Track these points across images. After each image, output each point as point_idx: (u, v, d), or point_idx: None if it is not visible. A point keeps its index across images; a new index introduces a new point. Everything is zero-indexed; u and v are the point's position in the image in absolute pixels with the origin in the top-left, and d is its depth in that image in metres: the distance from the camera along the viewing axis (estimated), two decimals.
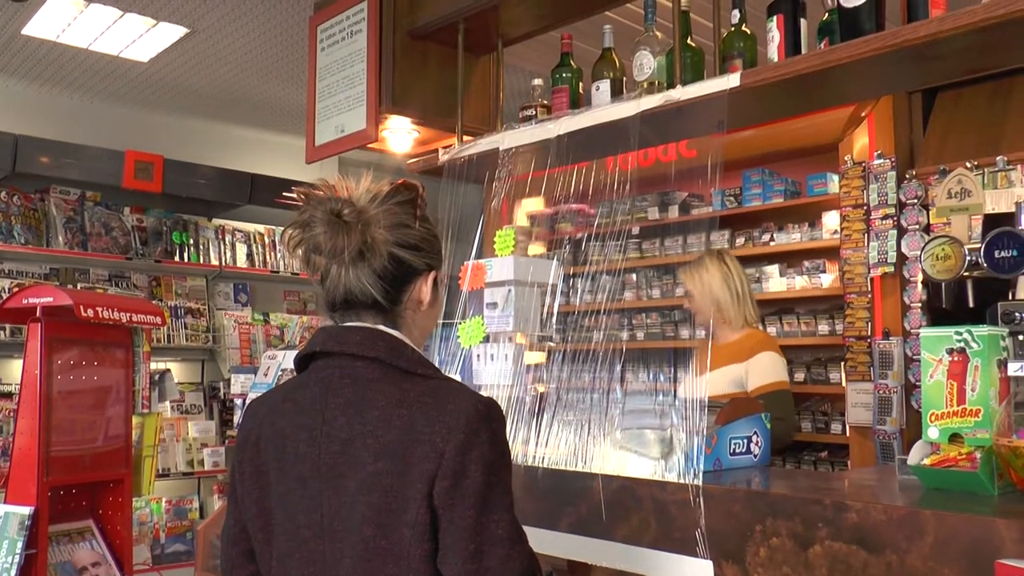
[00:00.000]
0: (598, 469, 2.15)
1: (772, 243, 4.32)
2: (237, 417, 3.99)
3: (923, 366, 1.88)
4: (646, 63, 2.55)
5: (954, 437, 1.83)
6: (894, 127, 3.68)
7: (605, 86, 2.68)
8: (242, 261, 5.90)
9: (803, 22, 2.22)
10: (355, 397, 1.34)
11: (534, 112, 2.91)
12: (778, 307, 4.45)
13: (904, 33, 1.79)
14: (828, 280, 4.09)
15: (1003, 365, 1.81)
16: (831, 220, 4.02)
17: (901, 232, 3.61)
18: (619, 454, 2.19)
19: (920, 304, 3.56)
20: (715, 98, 2.15)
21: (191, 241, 5.69)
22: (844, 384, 3.89)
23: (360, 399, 1.33)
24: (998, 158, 3.27)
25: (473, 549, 1.25)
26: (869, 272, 3.71)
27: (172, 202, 5.58)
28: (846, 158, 3.81)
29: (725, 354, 2.95)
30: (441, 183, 2.95)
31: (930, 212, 3.52)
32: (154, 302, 5.33)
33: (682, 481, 1.96)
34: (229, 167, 5.61)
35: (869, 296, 3.73)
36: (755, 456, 2.28)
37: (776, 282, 4.28)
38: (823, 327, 4.11)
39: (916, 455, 1.86)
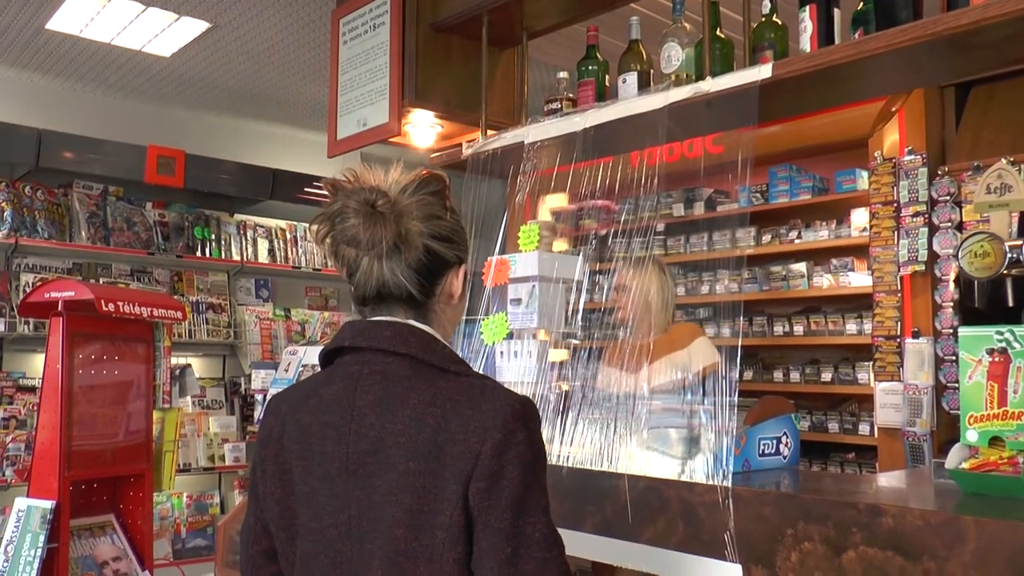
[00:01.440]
0: (624, 469, 2.10)
1: (799, 241, 4.25)
2: (258, 413, 3.98)
3: (961, 367, 1.82)
4: (674, 55, 2.50)
5: (994, 440, 1.77)
6: (926, 122, 3.60)
7: (632, 79, 2.63)
8: (264, 257, 5.90)
9: (836, 12, 2.16)
10: (385, 394, 1.30)
11: (559, 105, 2.87)
12: (804, 306, 4.38)
13: (946, 21, 1.74)
14: (856, 278, 4.01)
15: None
16: (859, 217, 3.95)
17: (932, 230, 3.54)
18: (645, 454, 2.15)
19: (952, 303, 3.48)
20: (746, 90, 2.09)
21: (213, 236, 5.69)
22: (872, 384, 3.81)
23: (391, 397, 1.29)
24: None
25: (509, 553, 1.21)
26: (899, 270, 3.64)
27: (194, 197, 5.58)
28: (876, 154, 3.73)
29: (665, 345, 3.03)
30: (464, 177, 2.91)
31: (963, 209, 3.45)
32: (175, 297, 5.34)
33: (711, 483, 1.91)
34: (251, 162, 5.61)
35: (899, 295, 3.65)
36: (784, 457, 2.22)
37: (803, 280, 4.21)
38: (851, 326, 4.03)
39: (954, 459, 1.80)
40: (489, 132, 3.07)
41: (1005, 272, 2.06)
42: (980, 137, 3.50)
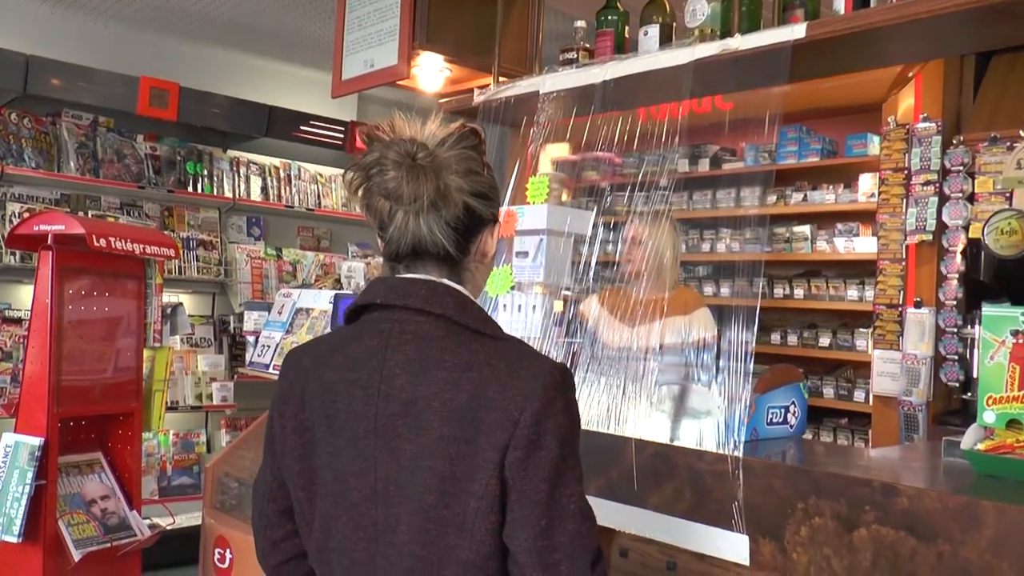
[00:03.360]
0: (632, 433, 2.07)
1: (805, 203, 4.19)
2: (250, 354, 3.92)
3: (983, 346, 1.78)
4: (699, 9, 2.41)
5: (1012, 423, 1.74)
6: (943, 89, 3.53)
7: (654, 31, 2.54)
8: (256, 194, 5.79)
9: None
10: (418, 355, 1.24)
11: (576, 55, 2.78)
12: (806, 269, 4.35)
13: None
14: (861, 244, 3.97)
15: None
16: (868, 183, 3.89)
17: (943, 200, 3.49)
18: (655, 414, 2.11)
19: (958, 276, 3.45)
20: (776, 49, 2.01)
21: (205, 172, 5.57)
22: (871, 352, 3.80)
23: (424, 358, 1.24)
24: None
25: (545, 524, 1.18)
26: (905, 239, 3.59)
27: (187, 131, 5.45)
28: (889, 119, 3.66)
29: (671, 306, 2.93)
30: (476, 124, 2.83)
31: (975, 180, 3.39)
32: (166, 233, 5.24)
33: (721, 452, 1.88)
34: (246, 98, 5.47)
35: (903, 264, 3.62)
36: (791, 427, 2.20)
37: (806, 244, 4.17)
38: (852, 292, 4.01)
39: (970, 439, 1.78)
40: (500, 79, 2.98)
41: None
42: (999, 107, 3.43)
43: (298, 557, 1.41)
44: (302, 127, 5.61)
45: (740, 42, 2.07)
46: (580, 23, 2.84)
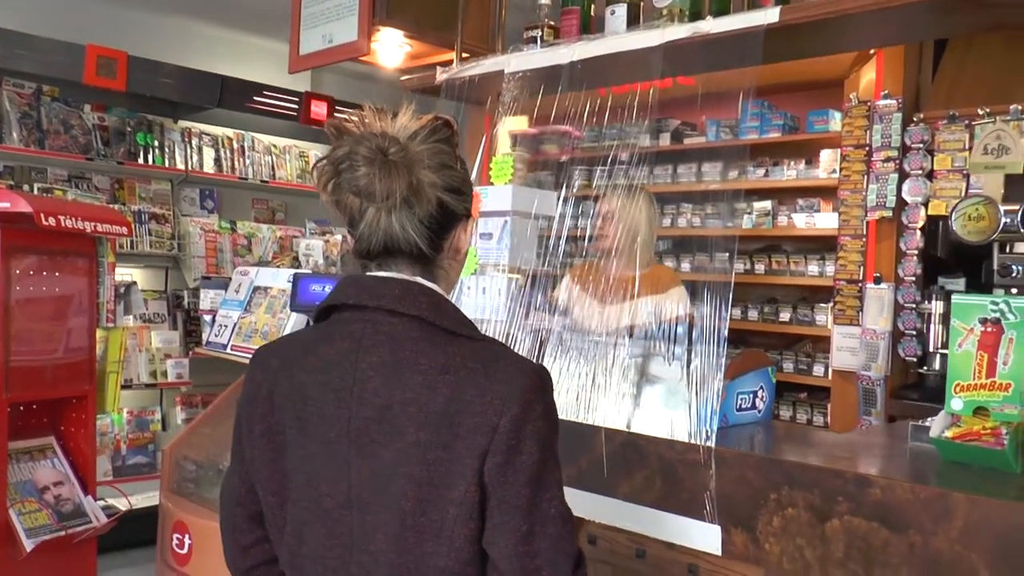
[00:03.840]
0: (602, 421, 2.06)
1: (766, 178, 4.20)
2: (207, 333, 3.84)
3: (952, 334, 1.79)
4: None
5: (979, 410, 1.76)
6: (904, 67, 3.54)
7: (621, 11, 2.50)
8: (209, 166, 5.64)
9: None
10: (392, 358, 1.21)
11: (540, 33, 2.73)
12: (766, 243, 4.36)
13: None
14: (822, 220, 4.00)
15: None
16: (829, 159, 3.91)
17: (903, 176, 3.51)
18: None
19: (917, 252, 3.49)
20: (748, 33, 1.98)
21: (156, 143, 5.41)
22: (830, 327, 3.84)
23: (398, 361, 1.20)
24: (1012, 107, 3.15)
25: (525, 530, 1.16)
26: (866, 215, 3.62)
27: (135, 101, 5.27)
28: (851, 96, 3.67)
29: (646, 283, 2.85)
30: (438, 102, 2.77)
31: (935, 158, 3.42)
32: (116, 206, 5.10)
33: (693, 441, 1.88)
34: (198, 67, 5.30)
35: (863, 239, 3.65)
36: (759, 411, 2.21)
37: (767, 219, 4.18)
38: (812, 267, 4.04)
39: (938, 427, 1.79)
40: (463, 56, 2.91)
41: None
42: (957, 86, 3.45)
43: (268, 562, 1.38)
44: (256, 98, 5.46)
45: (712, 25, 2.04)
46: (544, 0, 2.78)
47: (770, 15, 1.92)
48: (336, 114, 5.89)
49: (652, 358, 2.18)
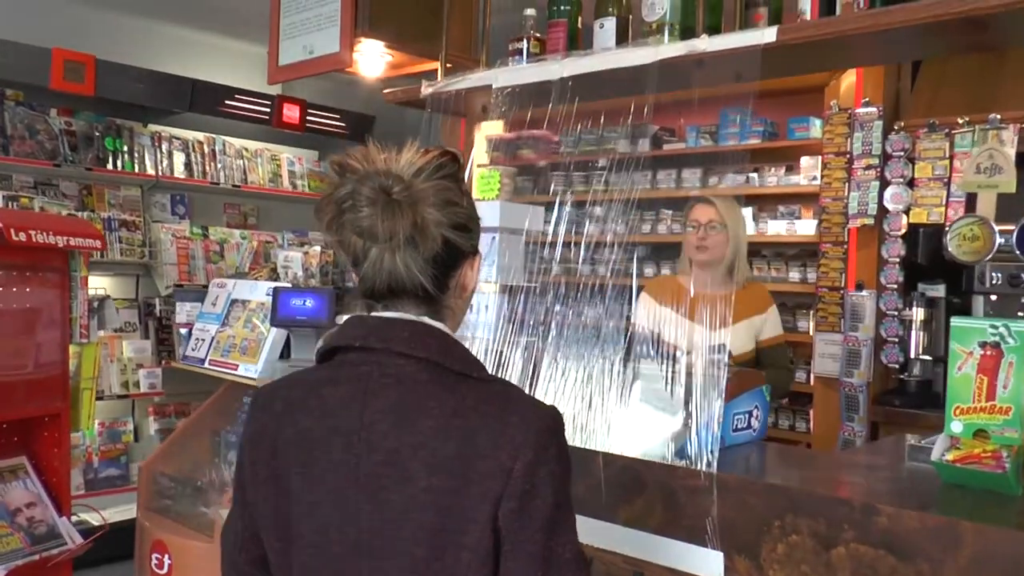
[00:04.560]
0: (601, 446, 2.03)
1: (747, 184, 4.20)
2: (183, 347, 3.76)
3: (951, 357, 1.79)
4: (658, 3, 2.35)
5: (979, 433, 1.76)
6: (884, 75, 3.55)
7: (610, 24, 2.47)
8: (180, 171, 5.53)
9: None
10: (400, 402, 1.18)
11: (526, 45, 2.69)
12: (748, 251, 4.36)
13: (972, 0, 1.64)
14: (802, 227, 4.01)
15: None
16: (810, 166, 3.91)
17: (884, 184, 3.53)
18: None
19: (898, 259, 3.50)
20: (744, 52, 1.97)
21: (125, 148, 5.29)
22: (812, 333, 3.85)
23: (407, 404, 1.18)
24: (991, 116, 3.18)
25: None
26: (847, 222, 3.64)
27: (103, 105, 5.14)
28: (832, 103, 3.68)
29: (743, 305, 2.75)
30: (425, 115, 2.73)
31: (916, 166, 3.44)
32: (85, 213, 4.99)
33: (695, 467, 1.86)
34: (168, 71, 5.19)
35: (845, 247, 3.66)
36: (755, 431, 2.19)
37: (748, 225, 4.18)
38: (794, 274, 4.05)
39: (938, 450, 1.79)
40: (446, 66, 2.87)
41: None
42: (936, 95, 3.48)
43: None
44: (227, 101, 5.37)
45: (708, 43, 2.01)
46: (530, 11, 2.75)
47: (767, 35, 1.91)
48: (309, 117, 5.82)
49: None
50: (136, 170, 5.32)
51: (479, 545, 1.13)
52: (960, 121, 3.26)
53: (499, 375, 2.24)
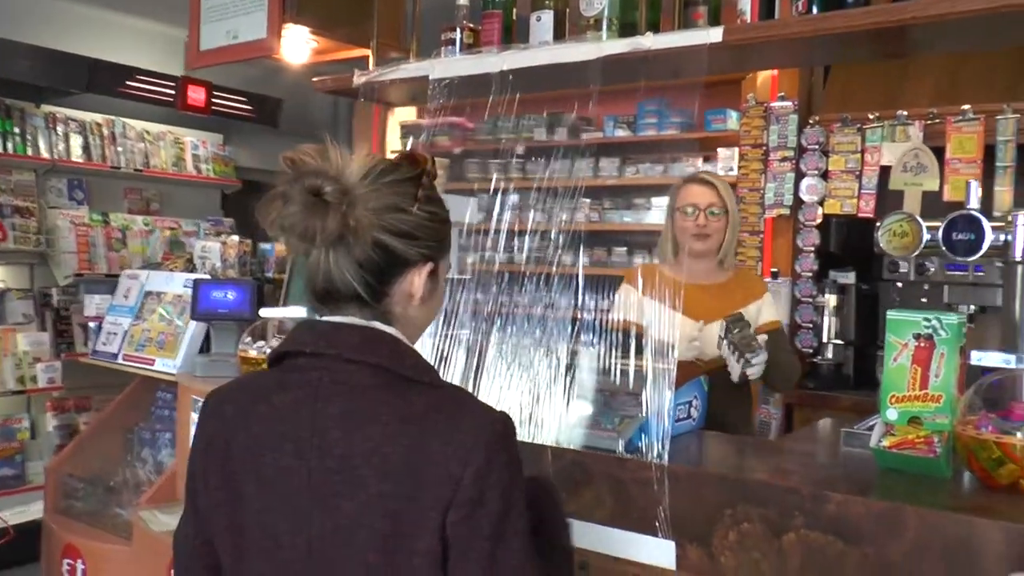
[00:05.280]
0: (548, 440, 2.05)
1: (665, 175, 4.28)
2: (93, 344, 3.59)
3: (887, 348, 1.87)
4: None
5: (913, 419, 1.85)
6: (799, 72, 3.67)
7: (547, 17, 2.47)
8: (77, 154, 5.27)
9: None
10: (351, 408, 1.18)
11: (459, 35, 2.67)
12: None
13: (912, 10, 1.71)
14: None
15: (964, 353, 1.84)
16: (727, 157, 4.02)
17: (799, 176, 3.66)
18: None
19: (813, 248, 3.64)
20: (689, 51, 2.00)
21: (16, 130, 5.00)
22: None
23: (357, 410, 1.17)
24: (898, 112, 3.33)
25: None
26: (764, 212, 3.75)
27: None
28: (749, 96, 3.78)
29: (739, 293, 2.59)
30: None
31: (830, 158, 3.57)
32: None
33: (644, 459, 1.89)
34: (66, 49, 4.92)
35: (761, 236, 3.78)
36: (694, 420, 2.25)
37: (663, 214, 4.26)
38: None
39: (875, 436, 1.87)
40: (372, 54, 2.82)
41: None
42: (849, 91, 3.62)
43: None
44: (128, 82, 5.13)
45: (653, 41, 2.04)
46: (463, 1, 2.72)
47: (713, 35, 1.95)
48: (215, 100, 5.61)
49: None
50: (29, 153, 5.05)
51: (430, 550, 1.14)
52: (871, 117, 3.40)
53: (441, 370, 2.23)
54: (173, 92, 5.34)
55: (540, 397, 2.12)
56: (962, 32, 1.87)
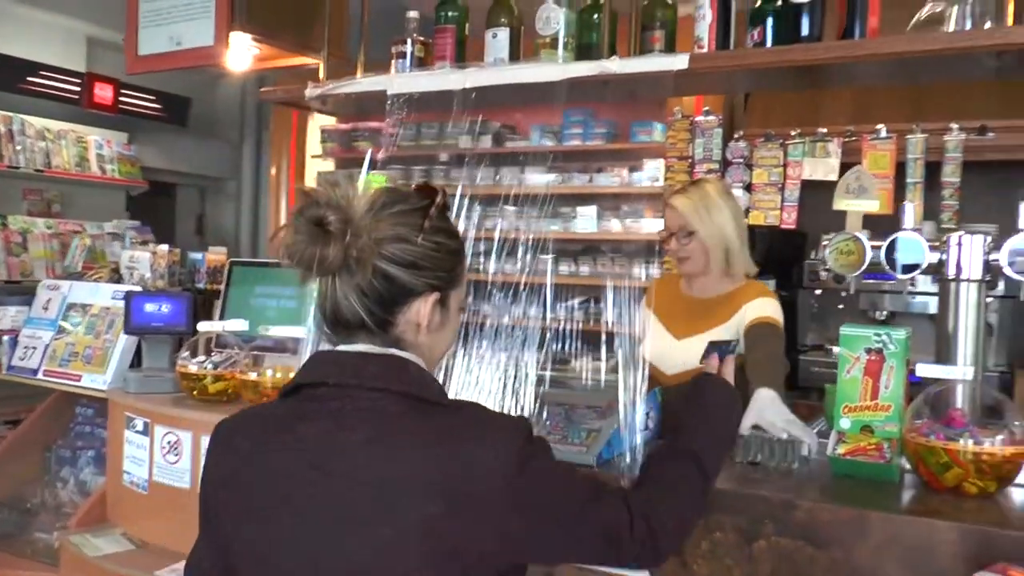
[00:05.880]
0: None
1: (591, 184, 4.38)
2: (8, 357, 3.40)
3: (840, 361, 2.00)
4: (554, 17, 2.42)
5: (864, 428, 1.98)
6: None
7: (503, 35, 2.51)
8: None
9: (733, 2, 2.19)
10: (377, 434, 1.19)
11: (411, 48, 2.67)
12: (585, 245, 4.56)
13: (869, 47, 1.83)
14: (647, 225, 4.23)
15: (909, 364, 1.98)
16: (652, 167, 4.14)
17: None
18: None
19: None
20: (654, 76, 2.08)
21: None
22: None
23: (386, 436, 1.19)
24: (819, 129, 3.52)
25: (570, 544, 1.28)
26: None
27: None
28: (675, 110, 3.90)
29: (729, 307, 2.47)
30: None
31: (754, 172, 3.73)
32: None
33: (618, 471, 1.96)
34: None
35: None
36: (651, 431, 2.33)
37: (589, 222, 4.37)
38: (637, 270, 4.27)
39: (831, 445, 2.00)
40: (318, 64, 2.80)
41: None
42: (771, 108, 3.79)
43: None
44: (30, 78, 4.90)
45: (619, 66, 2.11)
46: (413, 14, 2.73)
47: (678, 62, 2.02)
48: (121, 98, 5.41)
49: None
50: None
51: (480, 564, 1.18)
52: (792, 133, 3.57)
53: None
54: (79, 89, 5.13)
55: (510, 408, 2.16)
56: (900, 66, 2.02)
